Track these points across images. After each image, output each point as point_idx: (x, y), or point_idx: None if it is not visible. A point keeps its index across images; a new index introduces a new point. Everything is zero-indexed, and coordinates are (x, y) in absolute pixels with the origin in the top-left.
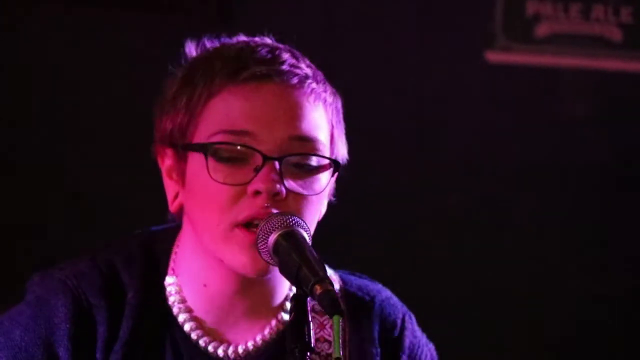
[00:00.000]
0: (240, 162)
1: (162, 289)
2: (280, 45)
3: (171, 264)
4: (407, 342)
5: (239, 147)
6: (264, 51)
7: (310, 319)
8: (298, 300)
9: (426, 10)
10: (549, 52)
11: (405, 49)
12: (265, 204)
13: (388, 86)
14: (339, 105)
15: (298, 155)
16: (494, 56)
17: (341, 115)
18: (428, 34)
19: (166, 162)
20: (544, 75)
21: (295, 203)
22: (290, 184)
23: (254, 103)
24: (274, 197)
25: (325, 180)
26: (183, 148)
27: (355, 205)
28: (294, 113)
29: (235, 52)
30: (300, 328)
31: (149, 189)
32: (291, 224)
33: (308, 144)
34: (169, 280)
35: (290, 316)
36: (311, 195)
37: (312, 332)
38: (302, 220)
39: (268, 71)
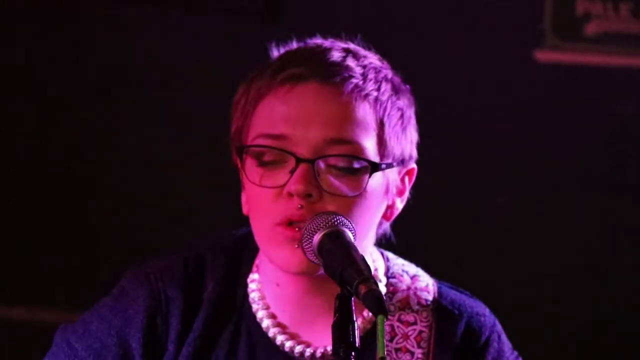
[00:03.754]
0: (278, 165)
1: (244, 285)
2: (333, 44)
3: (256, 261)
4: (489, 358)
5: (273, 151)
6: (311, 52)
7: (355, 319)
8: (342, 300)
9: (475, 9)
10: (598, 51)
11: (453, 48)
12: (299, 205)
13: (435, 85)
14: (401, 103)
15: (332, 157)
16: (543, 55)
17: (405, 115)
18: (477, 32)
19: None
20: (594, 75)
21: (333, 203)
22: (327, 184)
23: (290, 105)
24: (307, 198)
25: (366, 181)
26: (235, 150)
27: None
28: (331, 114)
29: (285, 55)
30: (345, 328)
31: (224, 189)
32: (336, 223)
33: (345, 146)
34: (252, 277)
35: (334, 316)
36: (350, 196)
37: (357, 332)
38: (347, 219)
39: (305, 71)
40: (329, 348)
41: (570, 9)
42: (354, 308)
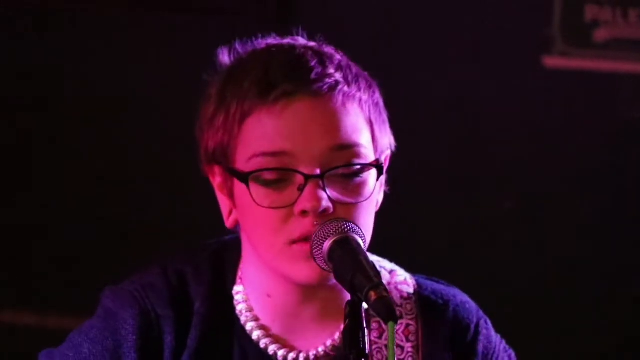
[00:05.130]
0: (284, 183)
1: (230, 297)
2: (306, 50)
3: (239, 273)
4: (480, 347)
5: (279, 171)
6: (290, 63)
7: (365, 325)
8: (352, 307)
9: (483, 15)
10: (607, 58)
11: (462, 54)
12: (315, 222)
13: (444, 91)
14: (377, 96)
15: (339, 167)
16: (552, 61)
17: (381, 106)
18: (486, 39)
19: (217, 179)
20: (603, 81)
21: (345, 213)
22: (336, 195)
23: (288, 121)
24: (322, 213)
25: (373, 183)
26: (227, 171)
27: (409, 209)
28: (330, 123)
29: (263, 68)
30: (355, 334)
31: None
32: (346, 230)
33: (349, 151)
34: (236, 289)
35: (345, 322)
36: (360, 202)
37: (367, 339)
38: (356, 226)
39: (297, 86)
40: (320, 349)
41: (579, 15)
42: (364, 315)
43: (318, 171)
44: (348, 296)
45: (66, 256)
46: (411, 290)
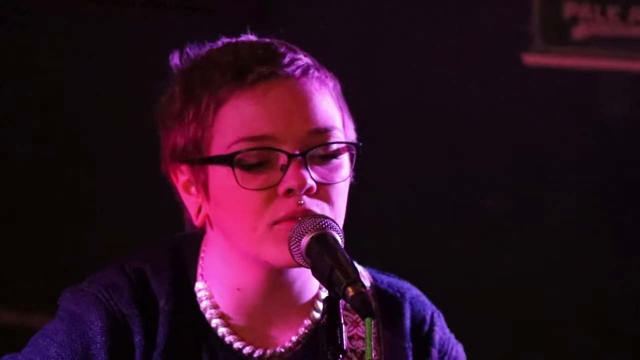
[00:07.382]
0: (266, 166)
1: (193, 294)
2: (273, 40)
3: (199, 270)
4: (437, 337)
5: (262, 151)
6: (260, 49)
7: (342, 321)
8: (330, 303)
9: (463, 12)
10: (586, 55)
11: (442, 52)
12: (300, 201)
13: (424, 88)
14: (339, 87)
15: (319, 146)
16: (530, 59)
17: (343, 98)
18: (465, 36)
19: (181, 178)
20: (582, 78)
21: (326, 194)
22: (317, 176)
23: (266, 104)
24: (307, 192)
25: (348, 166)
26: (202, 162)
27: (390, 208)
28: (307, 106)
29: (232, 56)
30: (333, 330)
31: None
32: (323, 226)
33: (326, 134)
34: (198, 285)
35: (322, 319)
36: (339, 182)
37: (344, 335)
38: (334, 222)
39: (272, 69)
40: (286, 344)
41: (558, 12)
42: (342, 311)
43: (299, 151)
44: (310, 292)
45: (49, 254)
46: (367, 283)
